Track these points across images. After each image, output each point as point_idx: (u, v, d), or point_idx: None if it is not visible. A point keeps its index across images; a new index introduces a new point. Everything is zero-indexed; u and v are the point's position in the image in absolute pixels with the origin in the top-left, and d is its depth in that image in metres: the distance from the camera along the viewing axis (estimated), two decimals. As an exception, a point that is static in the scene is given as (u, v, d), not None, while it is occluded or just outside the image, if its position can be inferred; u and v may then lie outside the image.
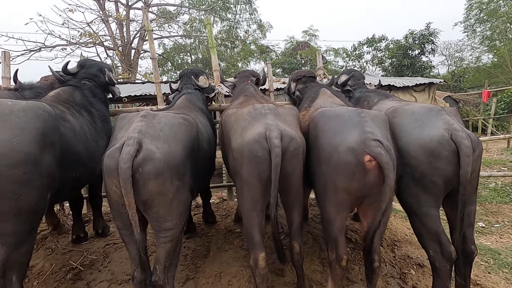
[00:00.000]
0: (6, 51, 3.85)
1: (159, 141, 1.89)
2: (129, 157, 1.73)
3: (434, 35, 16.58)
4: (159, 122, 2.00)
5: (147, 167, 1.78)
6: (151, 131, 1.91)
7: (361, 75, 3.82)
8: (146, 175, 1.78)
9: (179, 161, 1.93)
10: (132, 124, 1.96)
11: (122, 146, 1.79)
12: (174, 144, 1.95)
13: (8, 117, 1.89)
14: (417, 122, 2.29)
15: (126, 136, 1.85)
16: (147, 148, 1.82)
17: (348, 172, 1.90)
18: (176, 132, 2.02)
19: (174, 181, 1.87)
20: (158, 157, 1.82)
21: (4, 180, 1.74)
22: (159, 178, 1.81)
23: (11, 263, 1.84)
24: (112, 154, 1.81)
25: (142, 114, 2.03)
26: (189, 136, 2.11)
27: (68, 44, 11.22)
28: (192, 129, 2.17)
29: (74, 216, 3.24)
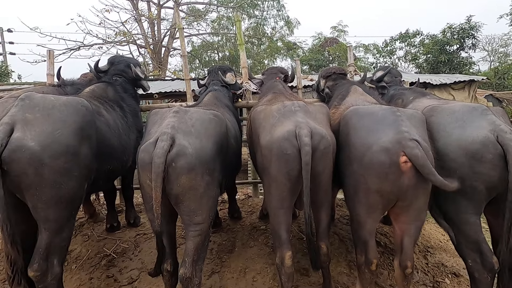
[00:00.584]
0: (50, 49, 4.13)
1: (191, 137, 1.93)
2: (163, 152, 1.78)
3: (476, 29, 15.37)
4: (190, 118, 2.05)
5: (180, 162, 1.83)
6: (183, 126, 1.96)
7: (398, 73, 3.64)
8: (179, 170, 1.83)
9: (210, 157, 1.96)
10: (165, 119, 2.02)
11: (156, 141, 1.85)
12: (205, 139, 1.99)
13: (51, 112, 2.02)
14: (458, 122, 2.13)
15: (160, 131, 1.90)
16: (180, 144, 1.86)
17: (382, 173, 1.81)
18: (206, 127, 2.06)
19: (204, 176, 1.91)
20: (191, 152, 1.86)
21: (48, 169, 1.86)
22: (191, 173, 1.85)
23: (53, 247, 1.98)
24: (146, 149, 1.88)
25: (174, 110, 2.08)
26: (219, 132, 2.14)
27: (104, 43, 11.83)
28: (222, 125, 2.20)
29: (108, 206, 3.42)
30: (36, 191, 1.84)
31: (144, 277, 2.77)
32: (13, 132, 1.81)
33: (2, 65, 15.20)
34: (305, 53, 22.95)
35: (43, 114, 1.97)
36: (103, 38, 11.83)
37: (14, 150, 1.76)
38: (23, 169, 1.78)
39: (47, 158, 1.85)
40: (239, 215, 3.64)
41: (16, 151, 1.76)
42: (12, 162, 1.76)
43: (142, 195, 2.06)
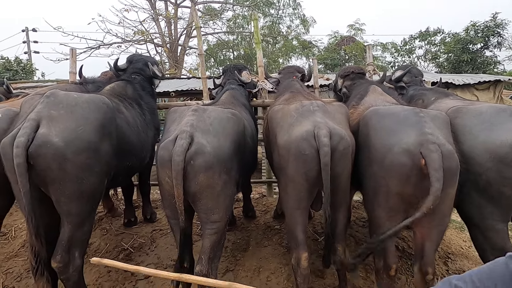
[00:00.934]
0: (73, 48, 4.26)
1: (209, 135, 1.95)
2: (182, 150, 1.80)
3: (502, 26, 14.66)
4: (209, 116, 2.06)
5: (198, 160, 1.85)
6: (201, 125, 1.97)
7: (418, 72, 3.52)
8: (197, 168, 1.85)
9: (228, 155, 1.97)
10: (184, 118, 2.04)
11: (175, 139, 1.87)
12: (223, 138, 2.00)
13: (74, 109, 2.08)
14: (484, 124, 2.04)
15: (179, 130, 1.93)
16: (199, 142, 1.88)
17: (403, 176, 1.76)
18: (224, 126, 2.07)
19: (222, 175, 1.92)
20: (209, 151, 1.87)
21: (70, 165, 1.92)
22: (209, 171, 1.87)
23: (74, 240, 2.04)
24: (166, 146, 1.90)
25: (193, 109, 2.10)
26: (237, 131, 2.14)
27: (123, 42, 12.11)
28: (239, 123, 2.20)
29: (126, 202, 3.50)
30: (59, 185, 1.91)
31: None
32: (39, 128, 1.87)
33: (27, 63, 15.84)
34: (321, 52, 22.64)
35: (66, 111, 2.03)
36: (122, 37, 12.11)
37: (40, 146, 1.82)
38: (48, 164, 1.85)
39: (70, 153, 1.91)
40: (253, 214, 3.64)
41: (42, 146, 1.82)
42: (38, 157, 1.82)
43: (161, 192, 2.09)
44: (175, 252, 3.06)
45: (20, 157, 1.74)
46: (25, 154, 1.76)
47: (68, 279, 2.05)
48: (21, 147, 1.75)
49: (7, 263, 3.02)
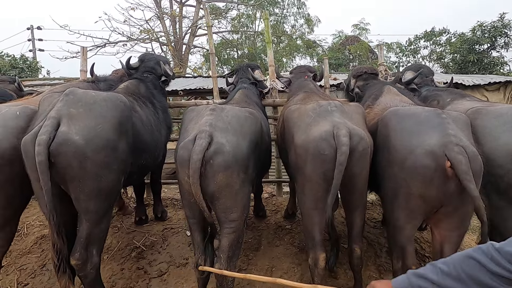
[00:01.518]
0: (84, 47, 4.27)
1: (228, 134, 1.95)
2: (201, 149, 1.80)
3: (509, 27, 14.54)
4: (227, 115, 2.06)
5: (218, 160, 1.85)
6: (220, 124, 1.97)
7: (430, 72, 3.49)
8: (216, 167, 1.85)
9: (246, 154, 1.97)
10: (203, 117, 2.04)
11: (195, 139, 1.87)
12: (242, 137, 2.00)
13: (92, 107, 2.08)
14: (505, 126, 2.03)
15: (198, 129, 1.93)
16: (218, 141, 1.88)
17: (426, 178, 1.74)
18: (242, 125, 2.07)
19: (240, 174, 1.92)
20: (228, 150, 1.87)
21: (90, 163, 1.92)
22: (227, 170, 1.87)
23: (92, 238, 2.04)
24: (185, 146, 1.90)
25: (211, 108, 2.10)
26: (254, 130, 2.14)
27: (129, 40, 12.13)
28: (257, 122, 2.21)
29: (137, 200, 3.51)
30: (79, 183, 1.91)
31: (173, 271, 2.83)
32: (59, 126, 1.88)
33: (33, 61, 15.92)
34: (325, 51, 22.57)
35: (85, 109, 2.03)
36: (127, 36, 12.13)
37: (61, 144, 1.82)
38: (68, 162, 1.85)
39: (90, 151, 1.91)
40: (264, 214, 3.64)
41: (62, 144, 1.83)
42: (59, 155, 1.82)
43: (180, 191, 2.09)
44: (187, 250, 3.10)
45: (42, 155, 1.75)
46: (46, 152, 1.76)
47: (86, 276, 2.05)
48: (43, 145, 1.76)
49: (20, 260, 3.04)
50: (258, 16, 21.80)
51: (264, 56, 21.82)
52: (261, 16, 16.94)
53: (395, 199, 1.93)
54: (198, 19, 15.51)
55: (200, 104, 4.09)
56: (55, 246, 1.86)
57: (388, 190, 1.99)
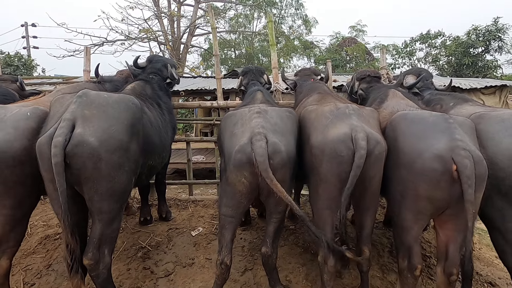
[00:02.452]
0: (87, 46, 4.26)
1: (278, 134, 2.06)
2: (263, 150, 1.89)
3: (503, 31, 14.82)
4: (271, 117, 2.16)
5: (277, 159, 1.96)
6: (269, 125, 2.07)
7: (429, 75, 3.57)
8: (275, 166, 1.95)
9: (294, 152, 2.11)
10: (251, 120, 2.11)
11: (250, 141, 1.94)
12: (289, 136, 2.14)
13: (105, 108, 2.11)
14: (507, 131, 2.10)
15: (250, 132, 2.00)
16: (274, 142, 1.97)
17: (433, 181, 1.81)
18: (286, 124, 2.20)
19: (291, 170, 2.09)
20: (283, 149, 1.99)
21: (104, 164, 1.95)
22: (284, 168, 2.01)
23: (104, 238, 2.07)
24: (242, 149, 1.97)
25: (256, 111, 2.18)
26: (295, 128, 2.29)
27: (127, 39, 12.07)
28: (296, 120, 2.34)
29: (142, 200, 3.53)
30: (93, 184, 1.94)
31: (179, 271, 2.85)
32: (74, 128, 1.90)
33: (28, 59, 15.73)
34: (322, 52, 22.71)
35: (98, 110, 2.06)
36: (125, 35, 12.07)
37: (76, 145, 1.85)
38: (83, 163, 1.87)
39: (104, 153, 1.94)
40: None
41: (78, 146, 1.85)
42: (74, 156, 1.85)
43: (227, 192, 2.15)
44: (193, 250, 3.14)
45: (58, 157, 1.77)
46: (62, 154, 1.79)
47: (98, 276, 2.08)
48: (59, 147, 1.78)
49: (25, 260, 3.04)
50: (256, 16, 21.87)
51: (262, 56, 21.90)
52: (266, 18, 16.97)
53: (403, 201, 1.99)
54: (196, 19, 15.49)
55: (204, 105, 4.13)
56: (69, 247, 1.88)
57: (396, 192, 2.04)
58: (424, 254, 3.09)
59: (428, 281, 2.74)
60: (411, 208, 1.94)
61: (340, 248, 2.00)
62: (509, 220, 2.05)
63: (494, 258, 3.13)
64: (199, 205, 4.08)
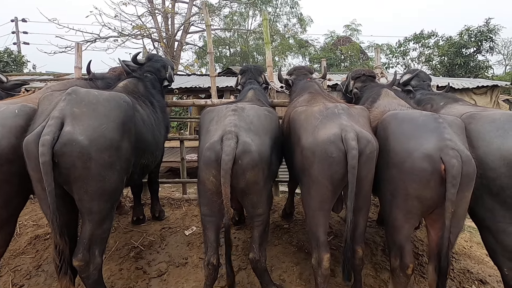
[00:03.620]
0: (79, 43, 4.18)
1: (252, 134, 2.02)
2: (231, 149, 1.86)
3: (494, 32, 15.05)
4: (248, 115, 2.14)
5: (246, 159, 1.92)
6: (243, 124, 2.04)
7: (427, 76, 3.60)
8: (245, 166, 1.92)
9: (269, 152, 2.08)
10: (225, 117, 2.08)
11: (221, 139, 1.91)
12: (264, 135, 2.10)
13: (96, 106, 2.06)
14: (498, 131, 2.11)
15: (223, 129, 1.97)
16: (245, 141, 1.94)
17: (423, 180, 1.82)
18: (263, 123, 2.16)
19: (265, 171, 2.04)
20: (254, 149, 1.95)
21: (94, 163, 1.91)
22: (255, 168, 1.96)
23: (95, 238, 2.03)
24: (212, 147, 1.94)
25: (233, 108, 2.16)
26: (274, 127, 2.26)
27: (120, 36, 11.91)
28: (275, 120, 2.32)
29: (135, 199, 3.48)
30: (83, 183, 1.90)
31: (172, 270, 2.83)
32: (63, 126, 1.86)
33: (18, 54, 15.43)
34: (317, 51, 22.76)
35: (88, 108, 2.02)
36: (118, 31, 11.91)
37: (65, 144, 1.80)
38: (73, 162, 1.83)
39: (94, 152, 1.90)
40: None
41: (67, 144, 1.81)
42: (63, 155, 1.81)
43: (201, 190, 2.14)
44: (186, 250, 3.11)
45: (46, 156, 1.73)
46: (50, 153, 1.75)
47: (88, 278, 2.04)
48: (47, 145, 1.74)
49: (14, 261, 2.98)
50: (251, 14, 21.79)
51: (257, 54, 21.86)
52: (261, 16, 16.92)
53: (393, 200, 2.00)
54: (190, 16, 15.36)
55: (198, 103, 4.09)
56: (58, 247, 1.85)
57: (387, 191, 2.05)
58: (416, 252, 3.12)
59: (421, 280, 2.76)
60: (402, 207, 1.95)
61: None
62: (499, 220, 2.07)
63: (484, 256, 3.17)
64: (193, 204, 4.05)
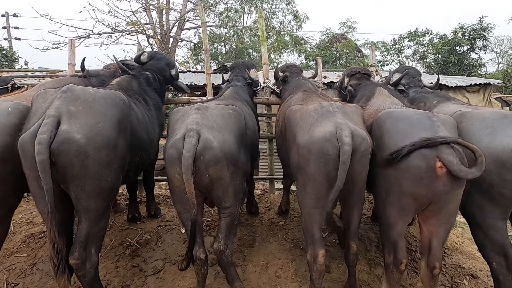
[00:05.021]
0: (72, 39, 4.13)
1: (214, 131, 2.05)
2: (191, 146, 1.89)
3: (488, 30, 15.22)
4: (211, 114, 2.17)
5: (208, 155, 1.95)
6: (206, 122, 2.07)
7: (416, 72, 3.62)
8: (207, 162, 1.95)
9: (233, 149, 2.10)
10: (189, 116, 2.12)
11: (183, 137, 1.94)
12: (227, 133, 2.12)
13: (92, 104, 2.06)
14: (488, 129, 2.16)
15: (185, 128, 2.00)
16: (206, 138, 1.97)
17: (417, 177, 1.85)
18: (226, 122, 2.18)
19: (229, 167, 2.06)
20: (216, 146, 1.98)
21: (92, 161, 1.91)
22: (217, 164, 1.99)
23: (91, 237, 2.04)
24: (174, 145, 1.97)
25: (196, 107, 2.19)
26: (239, 125, 2.27)
27: (114, 32, 11.76)
28: (240, 118, 2.33)
29: (130, 197, 3.48)
30: (80, 182, 1.90)
31: (169, 268, 2.84)
32: (59, 125, 1.85)
33: (10, 50, 15.15)
34: (312, 48, 22.77)
35: (84, 106, 2.01)
36: (112, 27, 11.75)
37: (62, 142, 1.80)
38: (70, 161, 1.83)
39: (91, 150, 1.90)
40: (256, 210, 3.71)
41: (64, 143, 1.80)
42: (60, 154, 1.80)
43: (171, 189, 2.16)
44: (182, 247, 3.12)
45: (43, 154, 1.72)
46: (48, 151, 1.74)
47: (85, 276, 2.05)
48: (44, 144, 1.73)
49: (8, 260, 2.96)
50: (247, 11, 21.68)
51: (252, 51, 21.79)
52: (257, 13, 16.82)
53: (387, 197, 2.03)
54: (186, 12, 15.22)
55: (194, 101, 4.08)
56: (55, 246, 1.84)
57: (382, 189, 2.09)
58: (409, 248, 3.18)
59: (414, 275, 2.82)
60: (396, 204, 1.98)
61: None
62: (489, 216, 2.12)
63: (475, 251, 3.24)
64: (189, 201, 4.06)
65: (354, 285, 2.35)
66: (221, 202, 2.16)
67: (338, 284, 2.65)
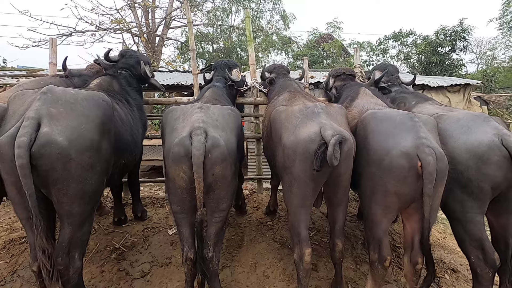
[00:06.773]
0: (53, 37, 4.01)
1: (219, 130, 2.06)
2: (200, 144, 1.88)
3: (468, 31, 15.76)
4: (213, 113, 2.18)
5: (215, 153, 1.95)
6: (210, 121, 2.08)
7: (395, 69, 3.73)
8: (214, 160, 1.95)
9: (235, 148, 2.13)
10: (192, 115, 2.11)
11: (190, 135, 1.92)
12: (229, 132, 2.15)
13: (74, 106, 2.01)
14: (463, 128, 2.26)
15: (191, 126, 1.99)
16: (213, 136, 1.97)
17: (400, 176, 1.91)
18: (227, 121, 2.22)
19: (232, 166, 2.08)
20: (223, 144, 1.99)
21: (74, 165, 1.86)
22: (224, 162, 1.99)
23: (74, 242, 1.98)
24: (181, 143, 1.95)
25: (198, 106, 2.20)
26: (237, 125, 2.32)
27: (97, 29, 11.47)
28: (238, 118, 2.37)
29: (115, 200, 3.41)
30: (62, 185, 1.85)
31: (156, 271, 2.81)
32: (40, 127, 1.79)
33: (-13, 48, 14.53)
34: (300, 48, 22.94)
35: (66, 108, 1.96)
36: (96, 25, 11.46)
37: (43, 145, 1.74)
38: (52, 164, 1.78)
39: (74, 153, 1.86)
40: (244, 205, 3.71)
41: (45, 146, 1.75)
42: (42, 157, 1.75)
43: (170, 188, 2.12)
44: (170, 249, 3.09)
45: (24, 158, 1.67)
46: (28, 155, 1.68)
47: (68, 281, 1.99)
48: (24, 147, 1.67)
49: (-13, 266, 2.86)
50: (234, 10, 21.61)
51: (240, 50, 21.73)
52: (244, 13, 16.77)
53: (372, 196, 2.08)
54: (172, 11, 15.02)
55: (181, 101, 4.04)
56: (46, 252, 1.79)
57: (366, 188, 2.14)
58: (394, 245, 3.27)
59: (398, 271, 2.89)
60: (380, 202, 2.03)
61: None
62: (469, 211, 2.21)
63: (456, 246, 3.34)
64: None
65: (341, 283, 2.40)
66: (219, 203, 2.12)
67: (325, 282, 2.69)
